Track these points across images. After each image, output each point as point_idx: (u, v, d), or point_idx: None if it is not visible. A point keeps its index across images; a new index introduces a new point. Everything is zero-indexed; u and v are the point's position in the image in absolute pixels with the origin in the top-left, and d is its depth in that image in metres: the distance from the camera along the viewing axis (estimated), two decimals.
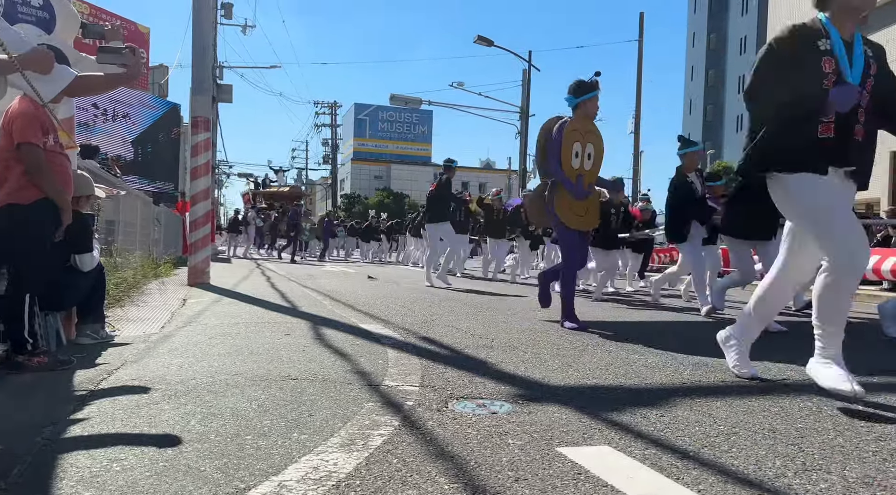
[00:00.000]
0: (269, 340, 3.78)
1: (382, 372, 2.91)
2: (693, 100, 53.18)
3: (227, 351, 3.40)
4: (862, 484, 1.64)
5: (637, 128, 23.64)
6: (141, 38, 22.06)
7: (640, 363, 3.32)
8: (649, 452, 1.87)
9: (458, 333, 4.28)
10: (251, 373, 2.81)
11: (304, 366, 2.99)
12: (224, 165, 42.24)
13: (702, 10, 51.98)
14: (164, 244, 14.32)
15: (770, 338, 4.58)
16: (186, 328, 4.31)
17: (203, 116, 8.59)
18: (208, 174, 8.65)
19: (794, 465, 1.77)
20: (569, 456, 1.81)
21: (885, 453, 1.89)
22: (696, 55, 52.88)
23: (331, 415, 2.16)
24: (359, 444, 1.86)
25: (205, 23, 8.78)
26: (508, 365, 3.20)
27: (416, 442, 1.90)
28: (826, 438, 2.03)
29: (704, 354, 3.59)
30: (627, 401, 2.48)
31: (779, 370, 3.17)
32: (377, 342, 3.80)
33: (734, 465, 1.77)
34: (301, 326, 4.44)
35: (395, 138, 64.36)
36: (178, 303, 5.89)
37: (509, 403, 2.41)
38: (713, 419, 2.24)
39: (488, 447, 1.88)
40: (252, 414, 2.17)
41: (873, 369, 3.25)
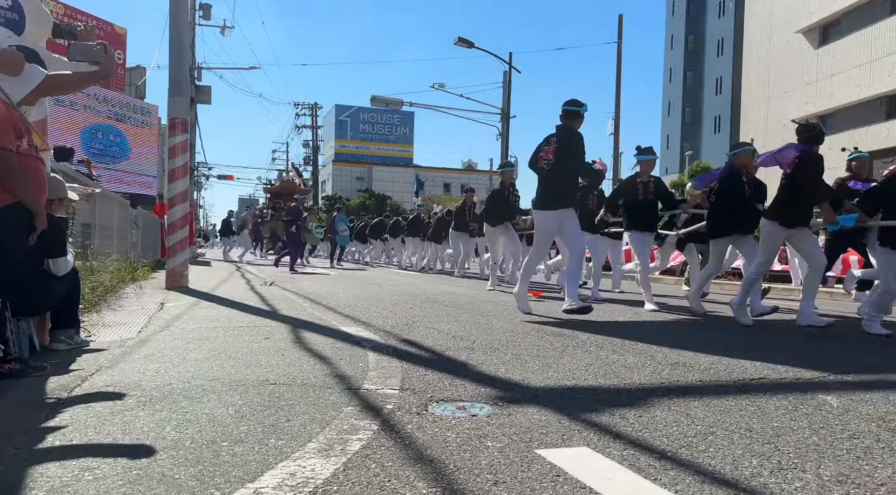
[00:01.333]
0: (248, 344, 3.74)
1: (362, 375, 2.90)
2: (672, 101, 53.68)
3: (204, 355, 3.36)
4: (836, 482, 1.66)
5: (617, 130, 23.81)
6: (118, 38, 21.76)
7: (620, 363, 3.33)
8: (627, 453, 1.88)
9: (440, 335, 4.27)
10: (229, 378, 2.78)
11: (283, 371, 2.96)
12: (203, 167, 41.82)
13: (679, 12, 52.53)
14: (143, 247, 14.13)
15: (745, 336, 4.64)
16: (163, 332, 4.25)
17: (181, 118, 8.50)
18: (186, 176, 8.56)
19: (770, 464, 1.79)
20: (547, 458, 1.81)
21: (859, 451, 1.91)
22: (675, 57, 53.40)
23: (309, 420, 2.14)
24: (337, 450, 1.84)
25: (182, 23, 8.68)
26: (489, 366, 3.20)
27: (394, 446, 1.89)
28: (801, 437, 2.06)
29: (683, 354, 3.62)
30: (606, 402, 2.49)
31: (756, 369, 3.20)
32: (358, 345, 3.77)
33: (711, 465, 1.78)
34: (280, 330, 4.40)
35: (376, 140, 64.16)
36: (155, 307, 5.81)
37: (489, 405, 2.41)
38: (690, 419, 2.26)
39: (467, 450, 1.87)
40: (229, 419, 2.14)
41: (849, 367, 3.30)
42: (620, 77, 22.81)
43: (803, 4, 28.76)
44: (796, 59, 29.52)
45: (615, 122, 23.92)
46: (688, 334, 4.75)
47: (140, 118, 21.82)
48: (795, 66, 29.55)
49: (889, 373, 3.19)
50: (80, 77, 3.26)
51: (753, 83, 32.81)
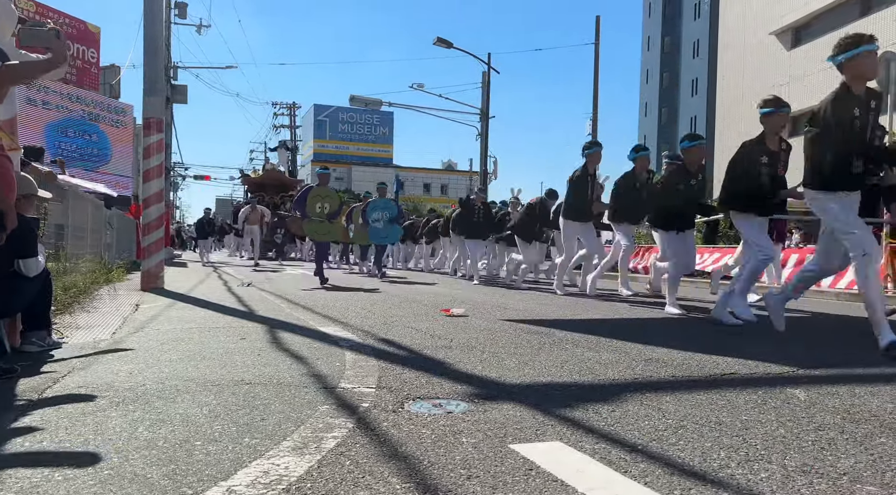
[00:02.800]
0: (224, 345, 3.72)
1: (339, 374, 2.90)
2: (648, 102, 54.26)
3: (179, 356, 3.34)
4: (800, 472, 1.71)
5: (594, 130, 24.01)
6: (91, 37, 21.42)
7: (595, 360, 3.37)
8: (599, 446, 1.90)
9: (418, 334, 4.28)
10: (203, 379, 2.77)
11: (259, 370, 2.95)
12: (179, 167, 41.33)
13: (656, 14, 53.11)
14: (118, 248, 13.94)
15: (719, 333, 4.71)
16: (138, 334, 4.21)
17: (156, 117, 8.41)
18: (161, 176, 8.46)
19: (738, 456, 1.83)
20: (521, 453, 1.83)
21: (823, 442, 1.96)
22: (651, 58, 53.98)
23: (284, 419, 2.13)
24: (311, 447, 1.84)
25: (156, 22, 8.59)
26: (466, 364, 3.22)
27: (369, 443, 1.90)
28: (769, 429, 2.10)
29: (657, 351, 3.67)
30: (580, 398, 2.52)
31: (727, 364, 3.26)
32: (335, 344, 3.77)
33: (681, 458, 1.81)
34: (257, 330, 4.38)
35: (355, 140, 63.92)
36: (130, 309, 5.75)
37: (465, 402, 2.43)
38: (662, 413, 2.30)
39: (442, 446, 1.89)
40: (202, 419, 2.13)
41: (818, 362, 3.38)
42: (598, 78, 23.02)
43: (776, 7, 29.25)
44: (770, 61, 30.01)
45: (593, 122, 24.12)
46: (663, 331, 4.82)
47: (114, 118, 21.50)
48: (769, 68, 30.03)
49: (855, 368, 3.27)
50: (35, 65, 3.22)
51: (728, 84, 33.29)
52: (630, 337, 4.26)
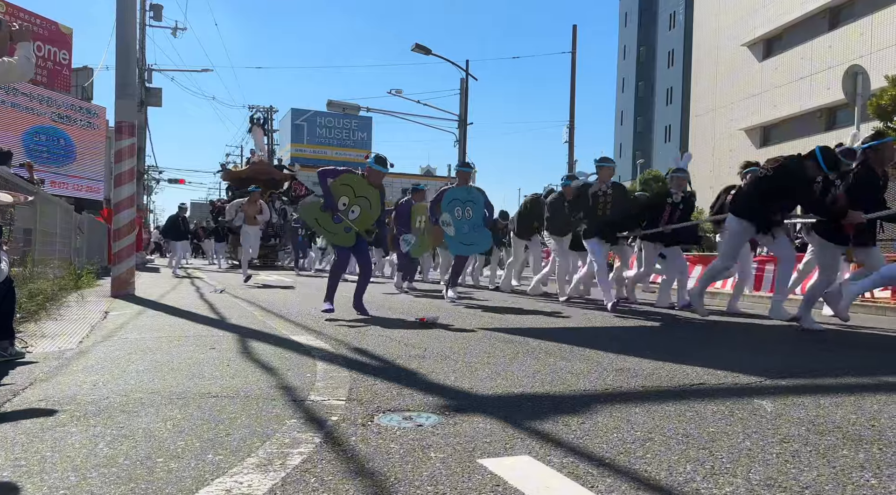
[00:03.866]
0: (193, 355, 3.66)
1: (309, 386, 2.86)
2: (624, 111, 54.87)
3: (146, 367, 3.27)
4: (764, 485, 1.72)
5: (571, 138, 24.21)
6: (63, 38, 21.04)
7: (567, 370, 3.38)
8: (567, 460, 1.90)
9: (392, 343, 4.25)
10: (169, 391, 2.71)
11: (227, 382, 2.91)
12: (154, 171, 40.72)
13: (632, 23, 53.80)
14: (88, 253, 13.67)
15: (690, 343, 4.76)
16: (105, 343, 4.12)
17: (128, 121, 8.29)
18: (133, 181, 8.34)
19: (704, 469, 1.84)
20: (489, 468, 1.82)
21: (788, 455, 1.99)
22: (627, 67, 54.64)
23: (249, 434, 2.10)
24: (276, 464, 1.81)
25: (129, 24, 8.48)
26: (439, 375, 3.21)
27: (336, 459, 1.88)
28: (735, 441, 2.12)
29: (628, 360, 3.69)
30: (551, 409, 2.52)
31: (697, 374, 3.29)
32: (307, 354, 3.73)
33: (647, 471, 1.82)
34: (228, 339, 4.32)
35: (334, 144, 63.58)
36: (98, 316, 5.64)
37: (436, 415, 2.41)
38: (631, 425, 2.31)
39: (410, 461, 1.87)
40: (166, 434, 2.09)
41: (785, 372, 3.42)
42: (574, 86, 23.22)
43: (748, 19, 29.81)
44: (742, 72, 30.57)
45: (570, 130, 24.32)
46: (635, 340, 4.85)
47: (86, 120, 21.13)
48: (741, 78, 30.58)
49: (821, 378, 3.32)
50: None
51: (702, 94, 33.82)
52: (603, 346, 4.28)
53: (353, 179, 6.15)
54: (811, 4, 26.40)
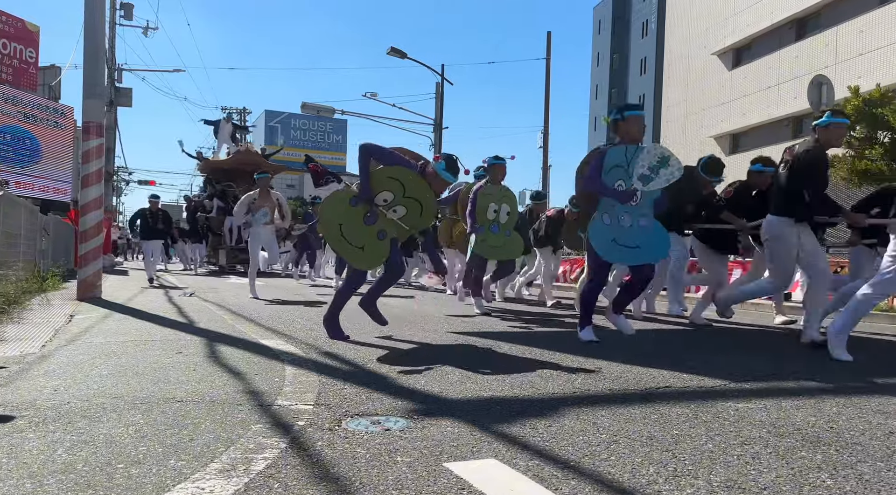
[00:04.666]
0: (158, 359, 3.60)
1: (277, 390, 2.84)
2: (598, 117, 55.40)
3: (110, 371, 3.21)
4: (724, 487, 1.75)
5: (546, 143, 24.41)
6: (29, 36, 20.59)
7: (536, 373, 3.40)
8: (533, 463, 1.91)
9: (363, 347, 4.24)
10: (132, 396, 2.67)
11: (193, 387, 2.87)
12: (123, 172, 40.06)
13: (605, 31, 54.45)
14: (54, 256, 13.39)
15: (659, 346, 4.82)
16: (69, 347, 4.04)
17: (95, 121, 8.14)
18: (100, 182, 8.18)
19: (666, 472, 1.87)
20: (455, 471, 1.83)
21: (748, 457, 2.02)
22: (601, 74, 55.26)
23: (214, 439, 2.07)
24: (240, 469, 1.79)
25: (97, 23, 8.33)
26: (409, 379, 3.20)
27: (301, 464, 1.86)
28: (698, 444, 2.15)
29: (597, 363, 3.73)
30: (519, 413, 2.54)
31: (663, 377, 3.34)
32: (276, 359, 3.70)
33: (611, 474, 1.84)
34: (195, 343, 4.26)
35: (308, 147, 63.16)
36: (63, 320, 5.52)
37: (404, 419, 2.41)
38: (597, 427, 2.33)
39: (376, 466, 1.86)
40: (127, 440, 2.05)
41: (748, 375, 3.49)
42: (549, 91, 23.44)
43: (718, 28, 30.38)
44: (712, 80, 31.13)
45: (544, 135, 24.52)
46: (605, 344, 4.89)
47: (53, 120, 20.70)
48: (712, 86, 31.14)
49: (783, 381, 3.39)
50: None
51: (673, 101, 34.35)
52: (572, 349, 4.31)
53: (406, 175, 4.56)
54: (779, 15, 27.01)
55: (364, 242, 4.54)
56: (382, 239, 4.57)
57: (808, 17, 26.34)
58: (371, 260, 4.66)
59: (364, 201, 4.53)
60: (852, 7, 23.82)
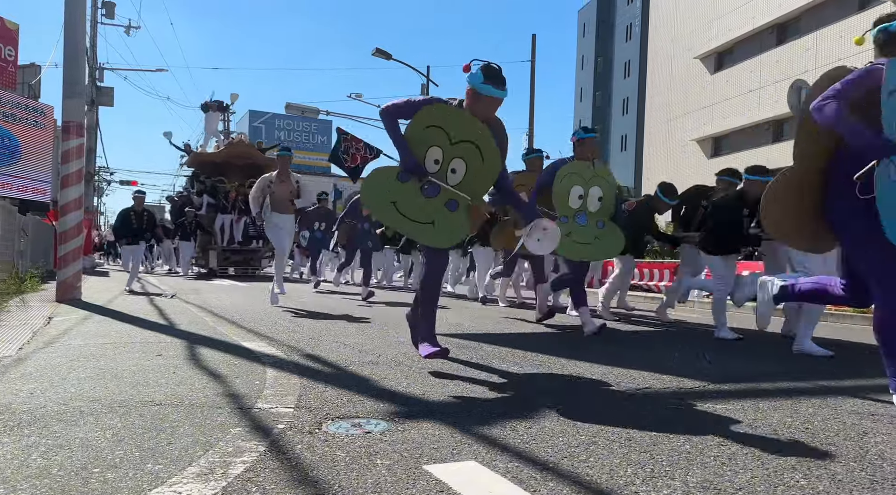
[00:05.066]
0: (138, 362, 3.56)
1: (257, 393, 2.82)
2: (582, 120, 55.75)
3: (88, 374, 3.18)
4: (700, 488, 1.77)
5: (531, 145, 24.49)
6: (8, 34, 20.29)
7: (519, 375, 3.42)
8: (512, 465, 1.92)
9: (346, 349, 4.22)
10: (110, 399, 2.64)
11: (172, 390, 2.84)
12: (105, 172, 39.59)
13: (590, 34, 54.80)
14: (32, 257, 13.22)
15: (640, 349, 4.86)
16: (46, 349, 3.99)
17: (76, 121, 8.04)
18: (80, 182, 8.08)
19: (644, 473, 1.88)
20: (434, 474, 1.83)
21: (724, 457, 2.05)
22: (585, 77, 55.61)
23: (192, 443, 2.06)
24: (217, 473, 1.78)
25: (77, 21, 8.22)
26: (391, 381, 3.20)
27: (280, 468, 1.85)
28: (675, 445, 2.17)
29: (579, 365, 3.75)
30: (500, 414, 2.54)
31: (643, 378, 3.36)
32: (257, 361, 3.67)
33: (589, 475, 1.85)
34: (176, 346, 4.22)
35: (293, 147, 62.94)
36: (41, 322, 5.44)
37: (385, 421, 2.41)
38: (577, 429, 2.34)
39: (355, 469, 1.86)
40: (104, 444, 2.03)
41: (727, 377, 3.53)
42: (534, 94, 23.52)
43: (701, 32, 30.69)
44: (695, 84, 31.42)
45: (529, 136, 24.61)
46: (587, 346, 4.93)
47: (33, 119, 20.40)
48: (694, 90, 31.43)
49: (761, 382, 3.43)
50: None
51: (656, 105, 34.63)
52: (555, 351, 4.33)
53: (445, 115, 3.53)
54: (760, 20, 27.34)
55: (433, 216, 3.55)
56: (455, 209, 3.58)
57: (788, 22, 26.70)
58: (450, 234, 3.62)
59: (413, 173, 3.50)
60: (832, 13, 24.19)
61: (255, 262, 17.47)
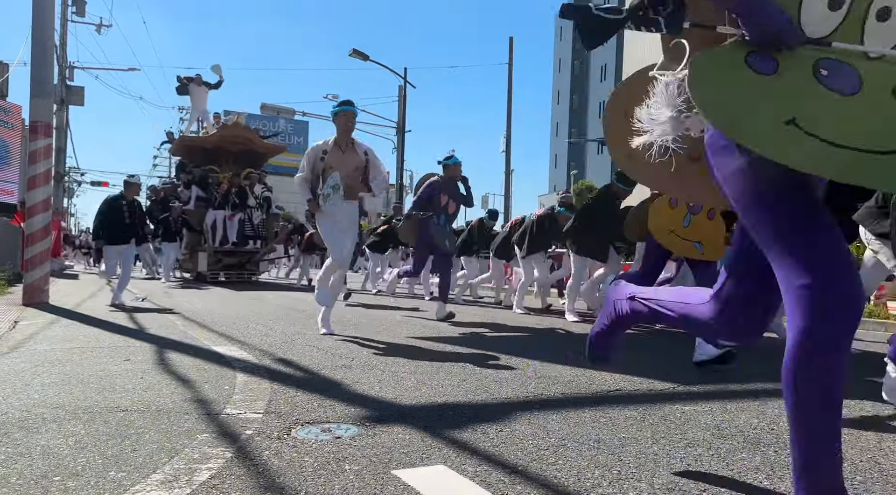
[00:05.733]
0: (105, 367, 3.50)
1: (226, 399, 2.79)
2: (559, 123, 56.23)
3: (53, 380, 3.11)
4: (666, 489, 1.79)
5: (508, 147, 24.59)
6: None
7: (492, 378, 3.42)
8: (481, 469, 1.93)
9: (318, 353, 4.20)
10: (75, 405, 2.59)
11: (139, 396, 2.80)
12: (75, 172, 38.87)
13: (567, 37, 55.23)
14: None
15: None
16: (10, 354, 3.90)
17: (43, 121, 7.90)
18: (48, 184, 7.94)
19: (611, 475, 1.90)
20: (403, 479, 1.82)
21: (691, 459, 2.07)
22: (562, 80, 56.05)
23: (157, 450, 2.03)
24: (182, 480, 1.76)
25: (47, 17, 8.08)
26: (363, 385, 3.19)
27: (246, 474, 1.83)
28: (643, 447, 2.20)
29: (552, 367, 3.77)
30: (471, 418, 2.55)
31: (614, 381, 3.39)
32: (227, 366, 3.63)
33: (557, 478, 1.86)
34: (144, 350, 4.16)
35: None
36: (7, 326, 5.32)
37: (356, 426, 2.39)
38: (546, 432, 2.36)
39: (323, 475, 1.85)
40: (66, 451, 1.99)
41: (696, 378, 3.57)
42: (511, 96, 23.62)
43: None
44: None
45: (507, 139, 24.71)
46: (561, 347, 4.96)
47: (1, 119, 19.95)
48: None
49: (730, 384, 3.48)
50: None
51: None
52: (528, 353, 4.35)
53: None
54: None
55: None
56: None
57: None
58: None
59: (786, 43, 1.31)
60: None
61: (252, 266, 14.90)
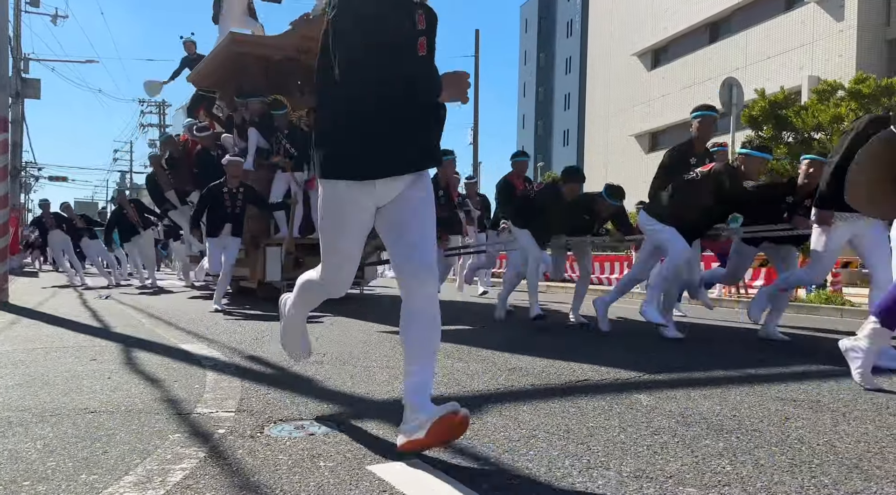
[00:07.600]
0: (71, 367, 3.44)
1: (197, 398, 2.77)
2: (526, 115, 56.48)
3: (16, 382, 3.05)
4: (633, 477, 1.85)
5: (476, 140, 24.69)
6: None
7: (463, 371, 3.46)
8: (455, 462, 1.96)
9: None
10: (41, 408, 2.55)
11: (107, 396, 2.76)
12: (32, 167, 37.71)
13: (532, 30, 55.44)
14: None
15: (581, 342, 4.99)
16: None
17: None
18: (5, 180, 7.70)
19: (580, 464, 1.95)
20: (377, 474, 1.85)
21: (657, 447, 2.14)
22: (528, 73, 56.26)
23: (129, 451, 2.01)
24: (156, 481, 1.75)
25: (0, 9, 7.82)
26: (336, 380, 3.20)
27: (220, 474, 1.84)
28: (611, 435, 2.26)
29: (522, 360, 3.83)
30: None
31: (582, 371, 3.46)
32: (197, 364, 3.60)
33: (528, 468, 1.91)
34: (111, 350, 4.09)
35: None
36: None
37: (329, 423, 2.41)
38: (518, 423, 2.40)
39: (298, 472, 1.86)
40: (34, 455, 1.96)
41: (662, 367, 3.67)
42: (478, 89, 23.73)
43: (637, 29, 31.48)
44: (633, 80, 32.21)
45: (474, 132, 24.81)
46: (530, 341, 5.03)
47: None
48: (632, 86, 32.23)
49: (694, 372, 3.58)
50: None
51: (596, 100, 35.36)
52: (499, 346, 4.40)
53: None
54: (694, 19, 28.22)
55: None
56: None
57: (720, 21, 27.65)
58: None
59: None
60: (760, 12, 25.17)
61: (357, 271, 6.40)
